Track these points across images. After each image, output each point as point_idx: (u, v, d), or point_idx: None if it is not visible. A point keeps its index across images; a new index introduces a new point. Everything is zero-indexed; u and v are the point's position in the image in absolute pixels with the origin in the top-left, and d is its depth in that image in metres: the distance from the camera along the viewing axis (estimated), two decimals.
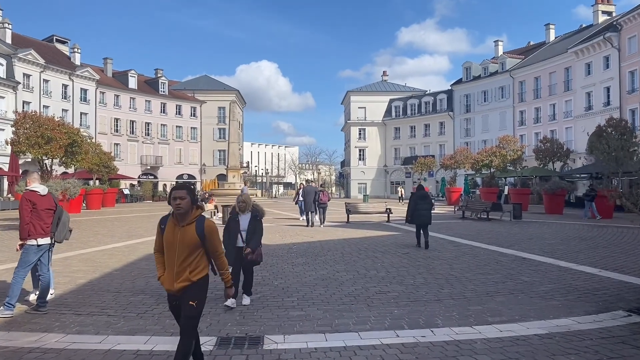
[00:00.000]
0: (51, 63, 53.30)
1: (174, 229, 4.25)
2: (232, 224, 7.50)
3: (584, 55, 45.64)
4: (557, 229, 18.77)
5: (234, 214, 7.56)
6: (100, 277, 9.54)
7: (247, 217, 7.44)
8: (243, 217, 7.44)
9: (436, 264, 10.84)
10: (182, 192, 4.22)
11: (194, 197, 4.33)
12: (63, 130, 20.96)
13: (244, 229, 7.43)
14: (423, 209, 13.55)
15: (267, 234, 17.35)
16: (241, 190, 22.07)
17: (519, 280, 9.04)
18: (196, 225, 4.24)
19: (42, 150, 18.33)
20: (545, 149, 30.79)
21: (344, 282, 8.97)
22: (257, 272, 9.84)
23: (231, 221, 7.55)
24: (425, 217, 13.56)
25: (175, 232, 4.23)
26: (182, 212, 4.21)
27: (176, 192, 4.24)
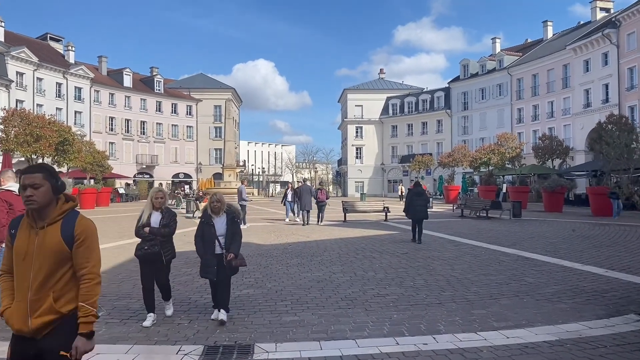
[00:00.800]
0: (45, 61, 52.73)
1: (29, 233, 2.74)
2: (206, 230, 6.41)
3: (582, 52, 45.31)
4: (558, 228, 18.41)
5: (207, 218, 6.47)
6: None
7: (223, 219, 6.46)
8: (218, 220, 6.45)
9: (436, 265, 10.45)
10: (35, 177, 2.69)
11: (57, 182, 2.77)
12: (54, 128, 20.53)
13: (222, 233, 6.42)
14: (419, 204, 14.26)
15: (262, 234, 17.07)
16: (238, 189, 21.72)
17: (523, 282, 8.66)
18: (62, 226, 2.73)
19: (31, 148, 17.88)
20: (544, 146, 30.39)
21: (341, 284, 8.57)
22: (250, 274, 9.46)
23: (205, 226, 6.44)
24: (421, 212, 14.21)
25: (31, 237, 2.73)
26: (37, 206, 2.69)
27: (27, 178, 2.69)
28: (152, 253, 6.27)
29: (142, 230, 6.32)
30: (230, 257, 6.26)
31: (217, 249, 6.37)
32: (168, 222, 6.41)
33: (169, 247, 6.47)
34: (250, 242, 14.63)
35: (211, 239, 6.37)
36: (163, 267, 6.42)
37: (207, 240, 6.36)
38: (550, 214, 26.39)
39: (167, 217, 6.46)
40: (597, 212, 24.02)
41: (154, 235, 6.27)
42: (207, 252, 6.34)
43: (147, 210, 6.47)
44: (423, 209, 14.26)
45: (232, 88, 77.20)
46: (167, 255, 6.39)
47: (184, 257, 10.92)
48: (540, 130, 49.45)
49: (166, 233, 6.35)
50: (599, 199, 24.50)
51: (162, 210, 6.48)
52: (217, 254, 6.36)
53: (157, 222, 6.37)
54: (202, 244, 6.41)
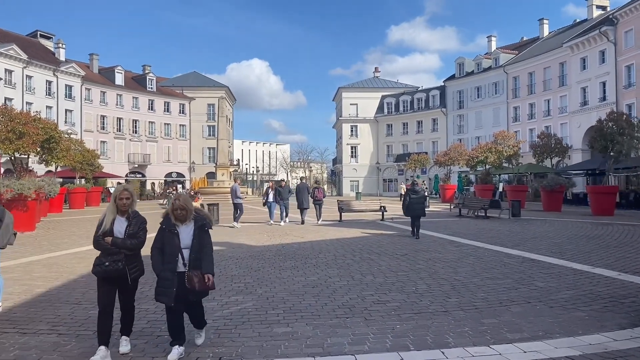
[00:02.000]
0: (34, 58, 51.80)
1: None
2: (168, 239, 5.02)
3: (579, 50, 44.88)
4: (560, 227, 17.86)
5: (169, 225, 5.08)
6: (62, 285, 8.47)
7: (190, 228, 5.10)
8: (184, 229, 5.08)
9: (439, 268, 9.84)
10: None
11: None
12: (39, 125, 19.79)
13: (187, 245, 5.04)
14: (416, 202, 15.12)
15: (254, 234, 16.42)
16: (231, 188, 21.10)
17: (533, 286, 8.07)
18: None
19: (14, 145, 17.16)
20: (542, 144, 29.87)
21: (337, 289, 7.95)
22: (240, 279, 8.84)
23: (166, 235, 5.05)
24: (418, 210, 15.08)
25: None
26: None
27: None
28: (114, 270, 4.94)
29: (102, 240, 5.03)
30: (207, 280, 4.98)
31: (180, 265, 4.99)
32: (136, 230, 5.11)
33: (136, 263, 5.16)
34: (241, 244, 14.03)
35: (173, 252, 4.98)
36: (128, 287, 5.13)
37: (167, 253, 4.99)
38: (549, 213, 25.86)
39: (135, 224, 5.13)
40: (598, 212, 23.49)
41: (117, 247, 4.98)
42: (166, 269, 4.95)
43: (109, 214, 5.12)
44: (420, 206, 15.20)
45: (225, 86, 76.45)
46: (133, 272, 5.09)
47: None
48: (536, 129, 48.98)
49: (133, 245, 5.05)
50: (599, 198, 24.00)
51: (129, 214, 5.16)
52: (179, 272, 4.96)
53: (121, 230, 5.07)
54: (160, 258, 5.01)
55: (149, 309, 6.78)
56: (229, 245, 13.51)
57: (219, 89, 72.78)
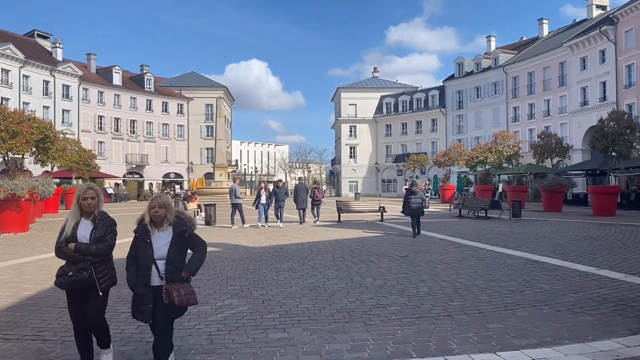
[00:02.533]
0: (31, 58, 51.50)
1: None
2: (141, 249, 4.37)
3: (579, 50, 44.66)
4: (562, 228, 17.61)
5: (142, 232, 4.40)
6: (52, 288, 8.16)
7: (167, 235, 4.37)
8: (159, 237, 4.37)
9: (440, 269, 9.58)
10: None
11: None
12: (33, 124, 19.51)
13: (162, 256, 4.33)
14: (415, 202, 15.61)
15: (251, 235, 16.13)
16: (230, 188, 20.80)
17: (537, 289, 7.81)
18: None
19: (7, 145, 16.87)
20: (543, 144, 29.62)
21: (336, 292, 7.69)
22: (236, 281, 8.57)
23: (139, 244, 4.40)
24: (418, 209, 15.55)
25: None
26: None
27: None
28: (79, 281, 4.32)
29: (65, 247, 4.39)
30: (183, 274, 4.33)
31: (154, 278, 4.31)
32: (103, 234, 4.47)
33: (106, 271, 4.51)
34: (238, 245, 13.77)
35: (146, 263, 4.31)
36: (97, 300, 4.43)
37: (140, 265, 4.34)
38: (550, 213, 25.62)
39: (102, 226, 4.50)
40: (599, 212, 23.23)
41: (81, 254, 4.35)
42: (139, 283, 4.32)
43: (71, 218, 4.49)
44: (419, 205, 15.67)
45: (224, 86, 76.19)
46: (103, 282, 4.43)
47: None
48: (536, 129, 48.73)
49: (99, 251, 4.41)
50: (601, 199, 23.74)
51: (95, 217, 4.52)
52: (154, 286, 4.31)
53: (86, 235, 4.44)
54: (134, 270, 4.39)
55: None
56: (225, 247, 13.25)
57: (217, 89, 72.49)
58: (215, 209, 20.54)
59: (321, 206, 22.36)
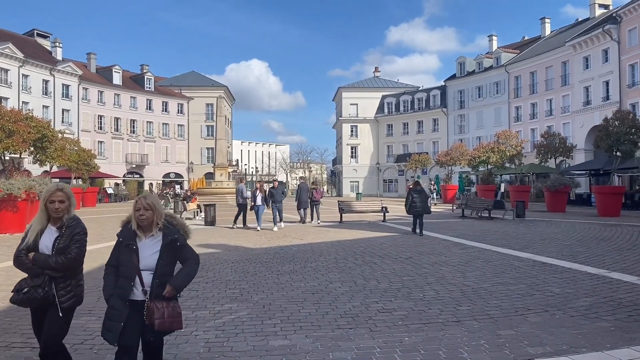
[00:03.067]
0: (31, 57, 51.21)
1: None
2: (124, 256, 3.74)
3: (582, 49, 44.32)
4: (568, 229, 17.31)
5: (128, 236, 3.78)
6: None
7: (156, 242, 3.77)
8: (147, 244, 3.77)
9: (445, 272, 9.29)
10: None
11: None
12: (31, 123, 19.24)
13: (149, 266, 3.71)
14: (420, 201, 15.90)
15: (252, 236, 15.83)
16: (237, 188, 20.17)
17: (548, 292, 7.52)
18: None
19: (3, 144, 16.61)
20: (547, 143, 29.31)
21: (339, 296, 7.40)
22: (235, 284, 8.28)
23: (123, 250, 3.77)
24: (422, 208, 15.87)
25: None
26: None
27: None
28: (32, 299, 3.70)
29: (24, 255, 3.78)
30: (166, 292, 3.67)
31: (137, 292, 3.68)
32: (66, 244, 3.75)
33: (70, 287, 3.80)
34: (238, 246, 13.49)
35: (128, 274, 3.68)
36: (55, 320, 3.73)
37: (122, 275, 3.72)
38: (553, 214, 25.34)
39: (68, 236, 3.78)
40: (604, 212, 22.94)
41: (39, 266, 3.70)
42: (116, 294, 3.67)
43: (37, 222, 3.88)
44: (424, 204, 16.01)
45: (224, 86, 75.91)
46: (64, 301, 3.74)
47: None
48: (538, 129, 48.46)
49: (58, 265, 3.70)
50: (605, 199, 23.44)
51: (63, 224, 3.84)
52: (135, 300, 3.67)
53: (49, 244, 3.77)
54: (112, 279, 3.75)
55: None
56: (224, 248, 12.97)
57: (217, 88, 72.19)
58: (215, 209, 20.24)
59: (319, 206, 22.18)
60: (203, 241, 14.27)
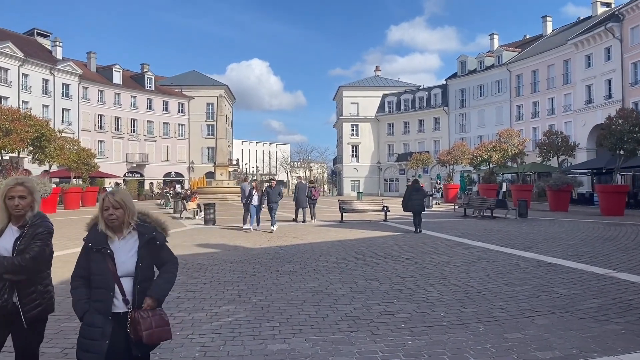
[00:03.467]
0: (31, 57, 51.00)
1: None
2: (96, 263, 3.15)
3: (583, 47, 44.07)
4: (571, 228, 17.10)
5: (97, 239, 3.19)
6: None
7: (132, 243, 3.24)
8: (122, 246, 3.22)
9: (449, 272, 9.09)
10: None
11: None
12: (29, 122, 19.06)
13: (127, 272, 3.18)
14: (417, 199, 16.39)
15: (251, 236, 15.61)
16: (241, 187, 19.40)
17: (555, 293, 7.32)
18: None
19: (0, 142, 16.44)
20: (549, 142, 29.06)
21: (340, 297, 7.21)
22: (233, 285, 8.09)
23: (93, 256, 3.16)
24: (419, 205, 16.31)
25: None
26: None
27: None
28: None
29: None
30: (146, 304, 3.14)
31: (117, 302, 3.12)
32: (27, 245, 3.27)
33: (36, 295, 3.34)
34: (237, 246, 13.30)
35: (105, 284, 3.11)
36: (22, 334, 3.33)
37: (96, 285, 3.13)
38: (556, 213, 25.13)
39: (30, 235, 3.31)
40: (607, 212, 22.73)
41: None
42: (94, 310, 3.09)
43: None
44: (421, 202, 16.52)
45: (225, 85, 75.73)
46: (28, 310, 3.30)
47: None
48: (540, 128, 48.25)
49: (14, 268, 3.21)
50: (609, 198, 23.22)
51: (26, 222, 3.36)
52: (116, 313, 3.11)
53: (8, 246, 3.30)
54: (84, 292, 3.16)
55: None
56: (223, 247, 12.78)
57: (218, 87, 71.98)
58: (214, 209, 20.05)
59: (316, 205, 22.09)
60: (202, 241, 14.08)
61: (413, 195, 16.44)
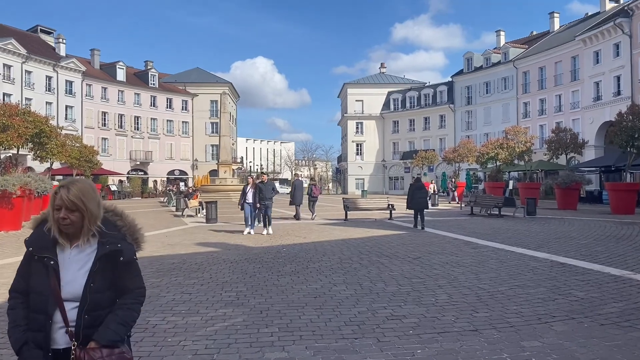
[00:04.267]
0: (34, 53, 50.80)
1: None
2: (37, 277, 2.29)
3: (592, 43, 43.44)
4: (582, 227, 16.63)
5: (42, 243, 2.32)
6: None
7: (88, 254, 2.34)
8: (72, 257, 2.33)
9: (458, 273, 8.67)
10: None
11: None
12: (28, 118, 18.73)
13: (74, 294, 2.28)
14: (420, 197, 16.94)
15: (253, 235, 15.23)
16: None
17: (572, 296, 6.89)
18: None
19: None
20: (557, 139, 28.51)
21: (343, 300, 6.80)
22: (232, 286, 7.71)
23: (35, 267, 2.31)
24: (422, 203, 16.86)
25: None
26: None
27: None
28: None
29: None
30: (92, 345, 2.22)
31: (57, 335, 2.27)
32: None
33: None
34: (239, 245, 12.91)
35: (42, 305, 2.25)
36: None
37: (33, 308, 2.29)
38: (565, 211, 24.64)
39: None
40: (618, 210, 22.21)
41: None
42: (31, 342, 2.24)
43: None
44: (423, 200, 17.15)
45: (229, 82, 75.41)
46: None
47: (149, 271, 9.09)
48: (547, 125, 47.73)
49: None
50: (619, 196, 22.70)
51: None
52: (57, 349, 2.27)
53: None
54: (22, 314, 2.30)
55: None
56: (224, 246, 12.39)
57: (222, 85, 71.65)
58: (216, 207, 19.68)
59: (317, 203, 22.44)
60: (202, 239, 13.72)
61: (416, 193, 16.91)
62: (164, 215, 24.27)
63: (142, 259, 10.25)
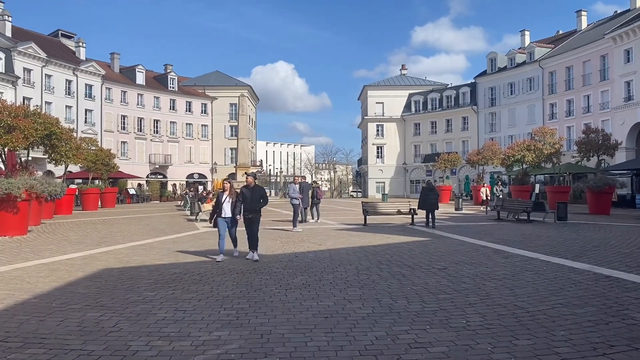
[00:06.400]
0: (54, 57, 50.90)
1: None
2: None
3: (622, 41, 41.70)
4: (620, 233, 15.39)
5: None
6: (5, 309, 6.56)
7: None
8: None
9: (490, 288, 7.65)
10: None
11: None
12: (37, 119, 18.19)
13: None
14: (431, 198, 18.44)
15: (266, 241, 14.14)
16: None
17: (629, 319, 5.85)
18: None
19: (2, 140, 15.54)
20: (588, 140, 27.06)
21: (359, 321, 5.85)
22: (231, 302, 6.83)
23: None
24: (433, 204, 18.32)
25: None
26: None
27: None
28: None
29: None
30: None
31: None
32: None
33: None
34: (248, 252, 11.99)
35: None
36: None
37: None
38: (597, 216, 23.31)
39: None
40: None
41: None
42: None
43: None
44: (435, 201, 18.51)
45: (248, 85, 74.96)
46: None
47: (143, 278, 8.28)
48: (575, 127, 46.09)
49: None
50: None
51: None
52: None
53: None
54: None
55: None
56: (232, 254, 11.51)
57: (241, 87, 71.16)
58: None
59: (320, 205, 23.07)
60: (211, 245, 12.87)
61: (429, 195, 18.50)
62: (177, 220, 23.59)
63: (141, 269, 9.48)
